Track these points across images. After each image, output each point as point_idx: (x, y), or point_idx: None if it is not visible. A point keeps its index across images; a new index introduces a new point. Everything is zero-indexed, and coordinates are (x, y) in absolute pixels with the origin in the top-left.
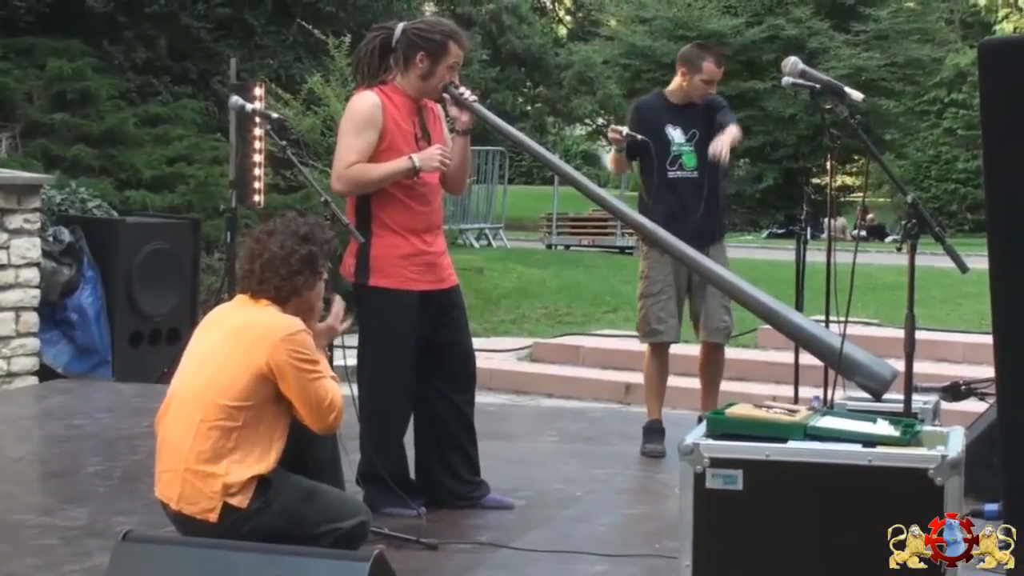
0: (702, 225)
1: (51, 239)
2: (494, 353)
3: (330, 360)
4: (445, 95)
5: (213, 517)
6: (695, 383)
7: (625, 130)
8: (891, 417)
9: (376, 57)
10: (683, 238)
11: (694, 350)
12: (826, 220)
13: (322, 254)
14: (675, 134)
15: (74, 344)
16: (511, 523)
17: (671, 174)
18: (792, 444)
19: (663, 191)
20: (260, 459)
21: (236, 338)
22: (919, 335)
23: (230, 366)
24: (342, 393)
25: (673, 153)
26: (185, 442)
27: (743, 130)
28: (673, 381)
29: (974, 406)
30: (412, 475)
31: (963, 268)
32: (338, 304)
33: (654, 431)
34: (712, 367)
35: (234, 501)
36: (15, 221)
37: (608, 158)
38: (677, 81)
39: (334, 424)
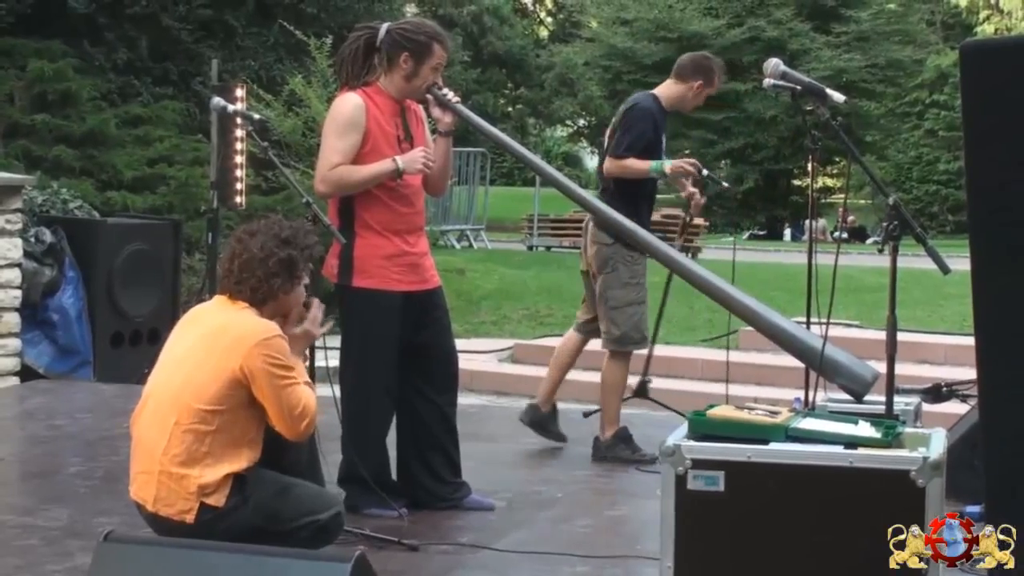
0: (648, 220)
1: (32, 240)
2: (475, 354)
3: (311, 362)
4: (428, 96)
5: (190, 518)
6: (680, 384)
7: (706, 172)
8: (872, 419)
9: (360, 57)
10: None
11: (690, 352)
12: (807, 222)
13: (302, 259)
14: (664, 142)
15: (56, 345)
16: (492, 524)
17: (656, 181)
18: (773, 446)
19: (646, 197)
20: (235, 460)
21: (212, 341)
22: (901, 337)
23: (205, 369)
24: (315, 400)
25: (662, 157)
26: (160, 444)
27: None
28: (655, 383)
29: (956, 408)
30: (393, 476)
31: (945, 269)
32: (316, 308)
33: (631, 436)
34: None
35: (211, 500)
36: None
37: (637, 167)
38: (679, 89)
39: (305, 431)
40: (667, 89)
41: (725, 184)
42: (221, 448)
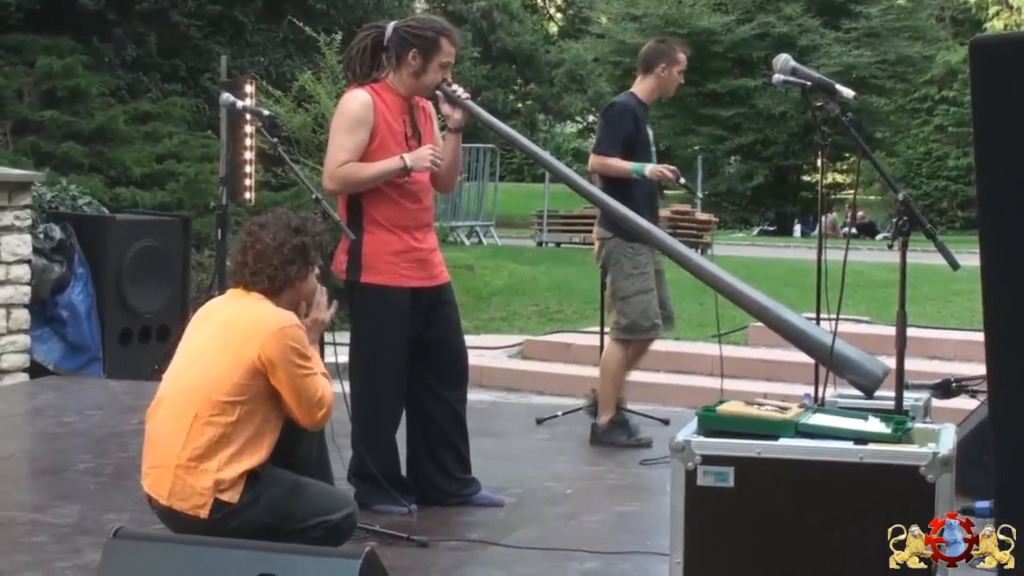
0: (655, 219)
1: (42, 236)
2: (485, 350)
3: (322, 355)
4: (438, 93)
5: (204, 513)
6: (688, 380)
7: (683, 180)
8: (882, 414)
9: (368, 56)
10: None
11: (700, 348)
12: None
13: (314, 245)
14: (650, 134)
15: (65, 341)
16: (502, 520)
17: (653, 184)
18: (783, 441)
19: (639, 188)
20: (253, 454)
21: (227, 332)
22: (910, 332)
23: (224, 360)
24: (332, 391)
25: (650, 152)
26: (178, 439)
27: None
28: (666, 379)
29: (965, 403)
30: (403, 472)
31: (954, 265)
32: (320, 294)
33: (627, 423)
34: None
35: (225, 497)
36: (6, 218)
37: (605, 167)
38: (649, 80)
39: (322, 421)
40: (640, 85)
41: (699, 195)
42: (243, 439)
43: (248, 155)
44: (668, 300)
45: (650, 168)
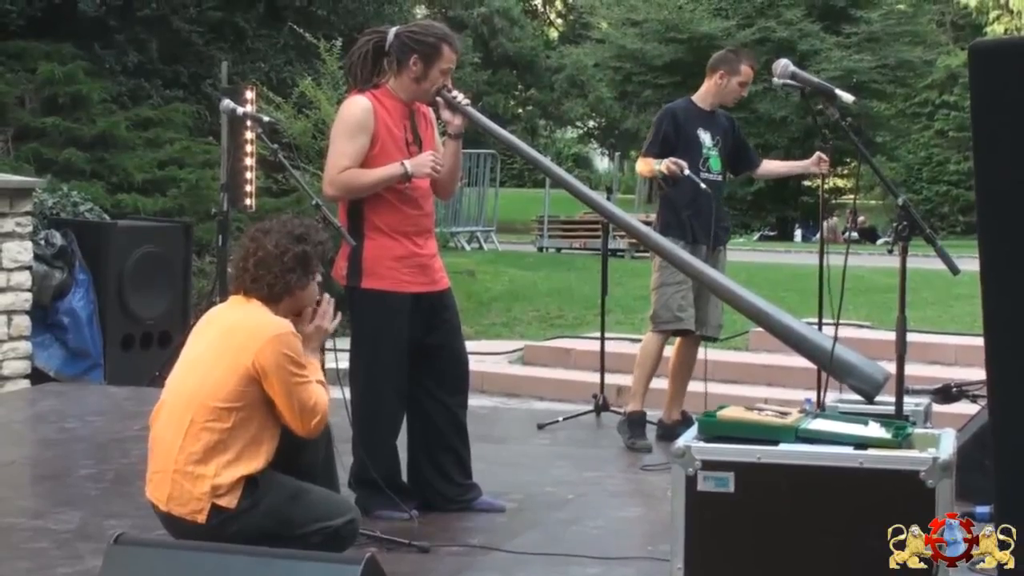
0: (719, 225)
1: (43, 242)
2: (485, 356)
3: (322, 362)
4: (438, 99)
5: (201, 518)
6: (689, 385)
7: (687, 169)
8: (882, 419)
9: (369, 61)
10: (705, 236)
11: (699, 353)
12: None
13: (316, 254)
14: (705, 138)
15: (66, 347)
16: (502, 526)
17: (700, 175)
18: (783, 447)
19: (685, 204)
20: (250, 460)
21: (225, 339)
22: (910, 337)
23: (219, 367)
24: (327, 399)
25: (703, 156)
26: (176, 443)
27: None
28: (665, 384)
29: (966, 408)
30: (404, 478)
31: (954, 270)
32: (325, 303)
33: (642, 424)
34: (690, 365)
35: (222, 502)
36: (7, 224)
37: (645, 168)
38: (707, 85)
39: (315, 429)
40: (700, 89)
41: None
42: (238, 446)
43: (249, 161)
44: (711, 311)
45: (663, 164)
